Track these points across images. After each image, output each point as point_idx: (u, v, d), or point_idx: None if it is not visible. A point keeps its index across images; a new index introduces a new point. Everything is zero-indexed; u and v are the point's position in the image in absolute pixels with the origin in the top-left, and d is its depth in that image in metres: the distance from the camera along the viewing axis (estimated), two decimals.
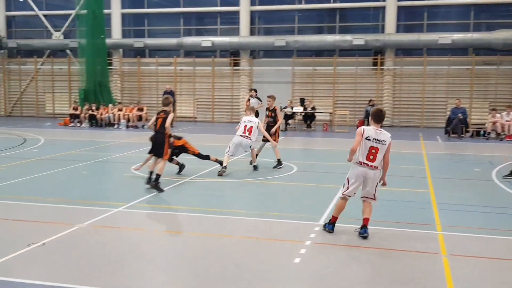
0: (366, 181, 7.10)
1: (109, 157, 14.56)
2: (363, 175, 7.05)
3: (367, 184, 7.11)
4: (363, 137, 6.95)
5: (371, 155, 6.95)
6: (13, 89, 30.06)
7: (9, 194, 9.51)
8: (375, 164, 7.00)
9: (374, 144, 6.94)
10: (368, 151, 6.95)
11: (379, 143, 6.95)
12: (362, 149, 6.97)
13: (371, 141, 6.94)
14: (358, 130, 7.10)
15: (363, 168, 7.03)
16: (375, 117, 7.04)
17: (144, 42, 27.28)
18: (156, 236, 7.35)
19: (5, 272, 5.73)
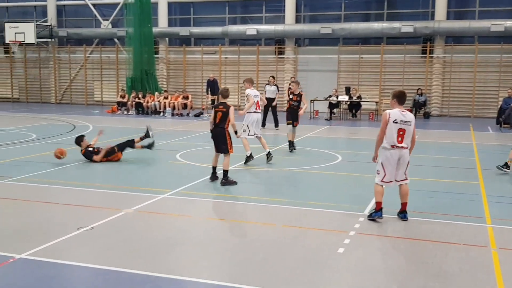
0: (399, 163, 7.13)
1: (155, 144, 14.76)
2: (397, 157, 7.08)
3: (400, 166, 7.14)
4: (390, 121, 7.02)
5: (399, 137, 7.02)
6: (63, 77, 30.90)
7: (59, 179, 9.80)
8: (404, 145, 7.07)
9: (401, 126, 7.01)
10: (397, 133, 7.01)
11: (405, 124, 7.04)
12: (391, 132, 7.03)
13: (399, 124, 7.02)
14: (384, 115, 7.09)
15: (394, 150, 7.07)
16: (399, 98, 7.14)
17: (189, 31, 27.49)
18: (200, 223, 7.42)
19: (56, 254, 5.91)
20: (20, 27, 29.16)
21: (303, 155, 13.16)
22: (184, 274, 5.43)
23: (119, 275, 5.38)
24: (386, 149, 7.11)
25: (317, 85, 25.57)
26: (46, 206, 8.03)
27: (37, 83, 31.25)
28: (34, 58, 31.22)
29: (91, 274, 5.47)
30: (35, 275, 5.37)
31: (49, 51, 30.83)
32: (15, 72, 31.62)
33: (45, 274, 5.40)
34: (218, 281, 5.27)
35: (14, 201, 8.30)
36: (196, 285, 5.24)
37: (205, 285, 5.23)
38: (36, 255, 5.83)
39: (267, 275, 5.45)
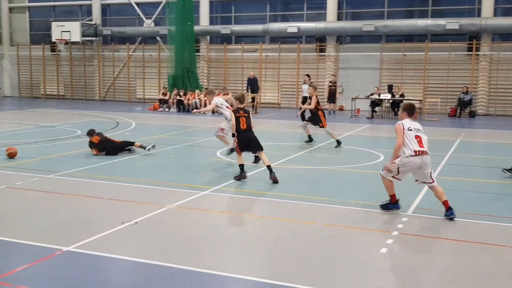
0: (418, 170, 7.21)
1: (195, 141, 14.93)
2: (419, 165, 7.14)
3: (418, 172, 7.24)
4: (405, 129, 7.17)
5: (419, 143, 7.12)
6: (107, 75, 31.56)
7: (104, 175, 10.01)
8: (426, 149, 7.14)
9: (417, 133, 7.17)
10: (415, 139, 7.12)
11: (419, 131, 7.23)
12: (409, 141, 7.13)
13: (413, 131, 7.18)
14: (397, 126, 7.25)
15: (417, 159, 7.10)
16: (409, 111, 7.36)
17: (230, 29, 27.62)
18: (240, 220, 7.45)
19: (101, 247, 6.04)
20: (66, 26, 29.94)
21: (344, 154, 13.04)
22: (224, 270, 5.45)
23: (161, 270, 5.45)
24: (407, 158, 7.14)
25: (359, 83, 25.29)
26: (91, 200, 8.21)
27: (82, 80, 32.03)
28: (79, 56, 32.00)
29: (135, 268, 5.56)
30: (81, 267, 5.49)
31: (94, 49, 31.54)
32: (61, 69, 32.49)
33: (91, 267, 5.52)
34: (258, 277, 5.28)
35: (61, 195, 8.53)
36: (236, 281, 5.26)
37: (245, 281, 5.25)
38: (82, 248, 5.97)
39: (307, 274, 5.42)
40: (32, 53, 32.64)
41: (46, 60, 32.54)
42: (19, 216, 7.42)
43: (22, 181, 9.27)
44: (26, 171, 10.14)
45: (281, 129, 18.12)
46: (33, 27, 33.59)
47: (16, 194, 8.57)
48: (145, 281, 5.22)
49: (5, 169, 10.37)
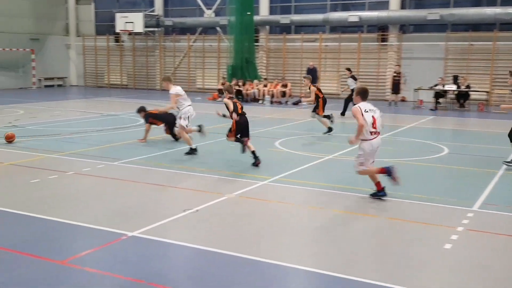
0: (376, 150, 7.69)
1: (254, 131, 14.90)
2: (377, 145, 7.63)
3: (375, 153, 7.72)
4: (363, 112, 7.48)
5: (375, 124, 7.52)
6: (168, 65, 32.15)
7: (165, 163, 10.23)
8: (379, 130, 7.61)
9: (373, 114, 7.54)
10: (373, 120, 7.49)
11: (373, 112, 7.59)
12: (367, 124, 7.47)
13: (369, 112, 7.53)
14: (356, 109, 7.55)
15: (376, 140, 7.57)
16: (362, 95, 7.67)
17: (290, 19, 27.44)
18: (300, 210, 7.42)
19: (164, 233, 6.19)
20: (129, 17, 30.67)
21: (406, 146, 12.73)
22: (285, 260, 5.45)
23: (221, 257, 5.52)
24: (367, 141, 7.54)
25: (422, 74, 24.54)
26: (154, 187, 8.41)
27: (144, 70, 32.79)
28: (142, 47, 32.75)
29: (196, 255, 5.66)
30: (145, 252, 5.64)
31: (156, 40, 32.18)
32: (124, 60, 33.39)
33: (154, 252, 5.66)
34: (318, 269, 5.25)
35: (125, 181, 8.79)
36: (296, 272, 5.25)
37: (304, 272, 5.24)
38: (146, 233, 6.13)
39: (368, 267, 5.34)
40: (97, 43, 33.70)
41: (110, 51, 33.52)
42: (86, 201, 7.71)
43: (89, 168, 9.61)
44: (93, 158, 10.50)
45: (340, 120, 17.88)
46: (98, 18, 34.63)
47: (83, 180, 8.90)
48: (206, 268, 5.31)
49: (73, 155, 10.78)
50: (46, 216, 6.75)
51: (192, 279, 5.09)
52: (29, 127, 14.76)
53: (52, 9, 33.51)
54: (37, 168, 9.52)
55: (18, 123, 15.33)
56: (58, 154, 10.79)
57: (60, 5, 34.01)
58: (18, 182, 8.62)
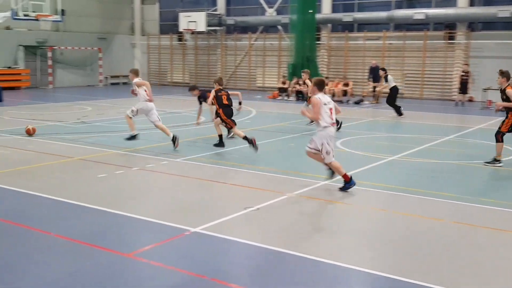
0: (332, 140, 8.22)
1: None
2: (333, 134, 8.18)
3: (332, 142, 8.22)
4: (322, 103, 7.99)
5: (332, 114, 8.08)
6: (229, 64, 32.48)
7: (226, 160, 10.33)
8: (334, 121, 8.20)
9: (330, 106, 8.08)
10: (330, 112, 8.04)
11: (331, 103, 8.14)
12: (325, 114, 8.00)
13: (327, 105, 8.06)
14: (315, 101, 8.03)
15: (332, 128, 8.14)
16: (319, 86, 8.21)
17: (353, 16, 27.05)
18: (362, 212, 7.30)
19: (226, 230, 6.25)
20: (192, 16, 31.20)
21: (473, 148, 12.27)
22: (346, 262, 5.38)
23: (282, 256, 5.52)
24: (324, 128, 8.07)
25: (492, 73, 23.46)
26: (215, 185, 8.52)
27: (206, 69, 33.27)
28: (204, 45, 33.25)
29: (257, 252, 5.68)
30: (207, 248, 5.72)
31: (218, 39, 32.58)
32: (186, 58, 34.01)
33: (216, 248, 5.73)
34: (381, 272, 5.14)
35: (187, 178, 8.94)
36: (358, 274, 5.17)
37: (364, 274, 5.15)
38: (208, 229, 6.21)
39: (432, 272, 5.17)
40: (161, 42, 34.49)
41: (173, 49, 34.23)
42: (151, 196, 7.91)
43: (153, 164, 9.86)
44: (156, 154, 10.76)
45: (403, 120, 17.47)
46: (162, 18, 35.42)
47: (147, 175, 9.14)
48: (267, 266, 5.31)
49: (138, 152, 11.08)
50: (112, 209, 6.97)
51: (253, 277, 5.11)
52: (96, 124, 15.31)
53: (119, 9, 34.60)
54: (104, 163, 9.85)
55: (86, 120, 15.92)
56: (124, 150, 11.12)
57: (126, 5, 35.06)
58: (86, 176, 8.95)
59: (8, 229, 6.28)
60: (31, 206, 7.24)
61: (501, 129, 10.23)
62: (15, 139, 12.25)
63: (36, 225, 6.35)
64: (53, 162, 10.02)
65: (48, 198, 7.52)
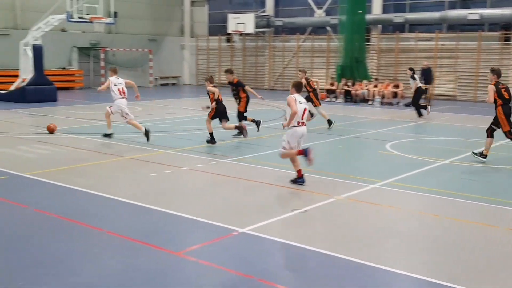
0: (302, 138, 8.50)
1: (363, 133, 14.69)
2: (302, 134, 8.42)
3: (302, 140, 8.53)
4: (297, 102, 8.31)
5: (303, 115, 8.38)
6: (277, 65, 32.49)
7: (274, 162, 10.31)
8: (305, 121, 8.48)
9: (304, 106, 8.42)
10: (303, 112, 8.35)
11: (304, 104, 8.47)
12: (298, 113, 8.29)
13: (302, 104, 8.40)
14: (291, 98, 8.32)
15: (301, 128, 8.40)
16: (297, 87, 8.58)
17: (404, 17, 26.54)
18: (411, 216, 7.16)
19: (273, 232, 6.25)
20: (241, 17, 31.40)
21: None
22: (397, 267, 5.29)
23: (330, 259, 5.48)
24: (293, 128, 8.34)
25: None
26: (263, 186, 8.53)
27: (253, 70, 33.41)
28: (252, 47, 33.39)
29: (305, 255, 5.65)
30: (255, 249, 5.75)
31: (265, 40, 32.65)
32: (234, 59, 34.24)
33: (264, 249, 5.74)
34: (433, 278, 5.02)
35: (235, 178, 9.00)
36: (410, 280, 5.06)
37: (415, 280, 5.05)
38: (256, 230, 6.23)
39: (487, 281, 5.00)
40: (210, 44, 34.88)
41: (221, 51, 34.54)
42: (199, 195, 8.01)
43: (201, 164, 9.97)
44: (204, 154, 10.89)
45: (455, 123, 17.02)
46: (211, 20, 35.81)
47: (196, 175, 9.26)
48: (315, 269, 5.29)
49: (187, 152, 11.24)
50: (162, 208, 7.09)
51: (300, 279, 5.09)
52: (146, 123, 15.60)
53: (169, 11, 35.21)
54: (154, 163, 10.04)
55: (137, 120, 16.24)
56: (173, 150, 11.31)
57: (176, 7, 35.64)
58: (137, 175, 9.15)
59: (64, 225, 6.49)
60: (85, 203, 7.46)
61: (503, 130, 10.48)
62: (69, 138, 12.66)
63: (89, 221, 6.55)
64: (105, 161, 10.30)
65: (101, 195, 7.74)
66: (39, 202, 7.41)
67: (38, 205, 7.25)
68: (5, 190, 8.06)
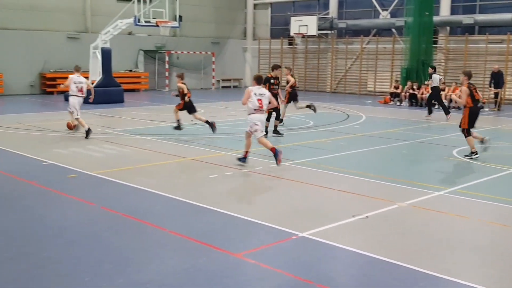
0: (260, 122, 10.10)
1: (428, 138, 14.26)
2: (258, 119, 10.04)
3: (260, 124, 10.10)
4: (252, 93, 9.96)
5: (259, 104, 9.97)
6: (339, 68, 32.13)
7: (334, 166, 10.20)
8: (264, 109, 10.08)
9: (259, 97, 9.99)
10: (258, 102, 9.94)
11: (261, 96, 10.03)
12: (253, 102, 9.94)
13: (257, 95, 9.98)
14: (247, 90, 10.07)
15: (257, 115, 10.03)
16: (257, 80, 10.24)
17: (474, 18, 25.58)
18: (479, 226, 6.86)
19: (333, 237, 6.17)
20: (304, 20, 31.30)
21: None
22: (462, 278, 5.08)
23: (391, 267, 5.34)
24: (252, 114, 10.00)
25: None
26: (323, 190, 8.45)
27: (315, 72, 33.20)
28: (314, 49, 33.20)
29: (365, 261, 5.53)
30: (314, 253, 5.68)
31: (328, 42, 32.38)
32: (296, 62, 34.17)
33: (324, 254, 5.68)
34: None
35: (295, 182, 8.96)
36: None
37: None
38: (316, 235, 6.17)
39: None
40: (272, 46, 34.98)
41: (283, 53, 34.56)
42: (259, 198, 8.04)
43: (261, 167, 9.99)
44: (265, 157, 10.87)
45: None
46: (274, 22, 35.91)
47: (256, 178, 9.31)
48: (376, 276, 5.17)
49: (249, 154, 11.28)
50: (223, 210, 7.16)
51: (360, 286, 4.98)
52: None
53: (232, 14, 35.62)
54: (216, 164, 10.16)
55: (199, 122, 16.52)
56: (234, 152, 11.38)
57: (239, 10, 36.00)
58: (199, 176, 9.29)
59: (128, 223, 6.68)
60: (148, 203, 7.64)
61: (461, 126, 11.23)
62: (134, 139, 13.03)
63: (152, 220, 6.70)
64: (168, 162, 10.53)
65: (164, 195, 7.91)
66: (105, 200, 7.67)
67: (104, 203, 7.50)
68: (74, 188, 8.39)
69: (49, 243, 5.97)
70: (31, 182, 8.66)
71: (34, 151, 11.26)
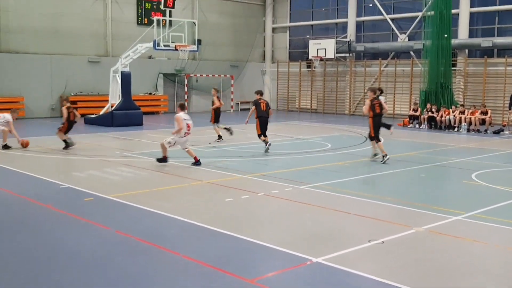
0: (187, 142, 12.57)
1: (447, 161, 14.09)
2: (186, 140, 12.41)
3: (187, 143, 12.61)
4: (183, 119, 12.16)
5: (189, 129, 12.30)
6: (358, 90, 32.10)
7: (351, 189, 10.12)
8: (191, 132, 12.42)
9: (188, 122, 12.26)
10: (188, 126, 12.24)
11: (189, 120, 12.35)
12: (184, 128, 12.17)
13: (186, 120, 12.24)
14: (178, 117, 12.22)
15: (185, 138, 12.33)
16: (181, 107, 12.57)
17: (492, 41, 25.43)
18: (497, 252, 6.71)
19: (349, 263, 6.09)
20: (322, 43, 31.46)
21: None
22: None
23: None
24: (181, 137, 12.24)
25: None
26: (339, 214, 8.37)
27: (333, 95, 33.21)
28: (332, 72, 33.26)
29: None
30: (330, 280, 5.61)
31: (346, 65, 32.44)
32: (315, 84, 34.25)
33: (339, 281, 5.60)
34: None
35: (311, 206, 8.89)
36: None
37: None
38: (331, 261, 6.09)
39: None
40: (290, 69, 35.15)
41: (302, 76, 34.68)
42: (274, 222, 7.99)
43: (277, 190, 9.96)
44: (281, 180, 10.87)
45: None
46: (292, 45, 36.15)
47: (272, 201, 9.25)
48: None
49: (264, 177, 11.29)
50: (237, 234, 7.13)
51: None
52: (226, 148, 15.90)
53: (251, 38, 35.94)
54: (232, 188, 10.16)
55: (216, 144, 16.59)
56: (250, 175, 11.39)
57: (258, 34, 36.33)
58: (215, 200, 9.29)
59: (142, 247, 6.69)
60: (163, 227, 7.65)
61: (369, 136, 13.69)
62: (152, 161, 13.11)
63: (166, 245, 6.70)
64: (184, 185, 10.56)
65: (179, 219, 7.91)
66: (120, 224, 7.70)
67: (119, 227, 7.53)
68: (90, 211, 8.45)
69: (63, 267, 5.99)
70: (46, 205, 8.74)
71: (52, 174, 11.40)
